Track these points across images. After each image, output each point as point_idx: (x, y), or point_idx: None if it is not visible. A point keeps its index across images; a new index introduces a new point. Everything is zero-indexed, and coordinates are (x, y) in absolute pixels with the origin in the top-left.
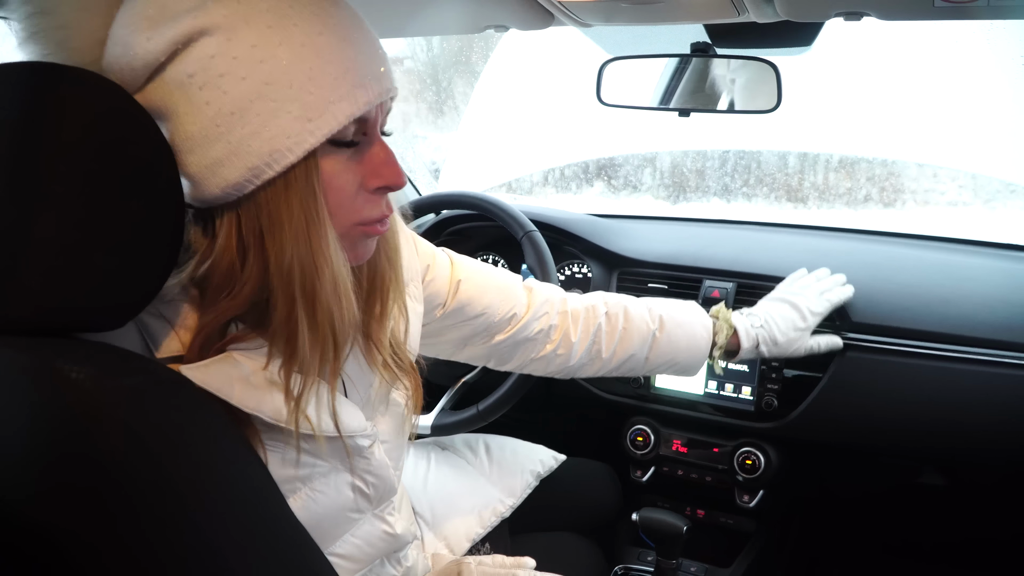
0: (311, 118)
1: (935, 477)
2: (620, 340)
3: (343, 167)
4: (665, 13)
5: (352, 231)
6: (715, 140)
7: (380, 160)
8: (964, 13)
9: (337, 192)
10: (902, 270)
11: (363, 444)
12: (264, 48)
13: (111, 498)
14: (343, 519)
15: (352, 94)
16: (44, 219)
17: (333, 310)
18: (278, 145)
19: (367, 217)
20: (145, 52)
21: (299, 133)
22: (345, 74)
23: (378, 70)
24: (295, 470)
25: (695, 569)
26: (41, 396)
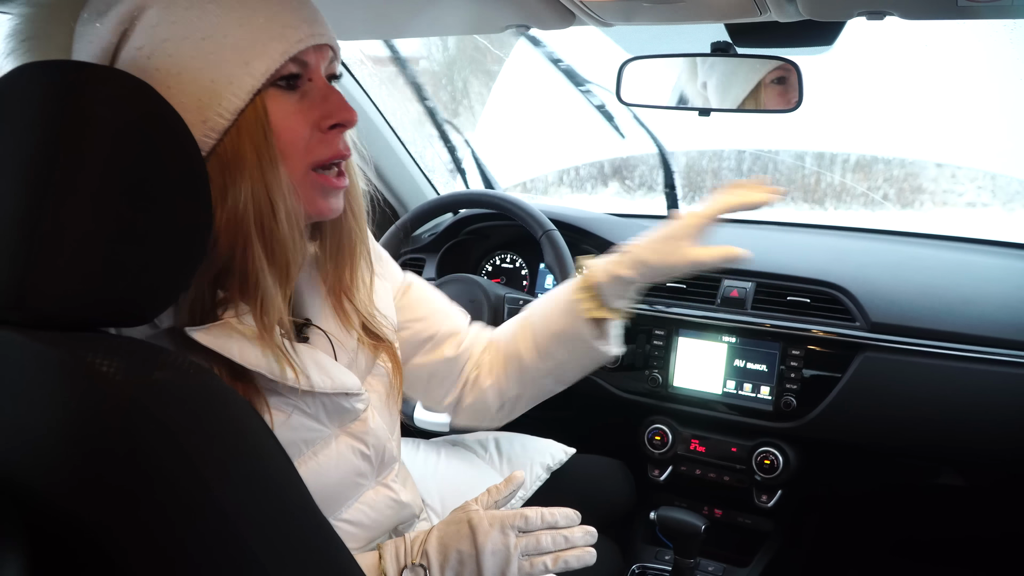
0: (248, 60)
1: (954, 477)
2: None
3: (292, 109)
4: (686, 12)
5: (308, 177)
6: (731, 140)
7: (329, 100)
8: (987, 12)
9: (288, 132)
10: (922, 270)
11: (359, 408)
12: (197, 7)
13: (140, 490)
14: (350, 483)
15: (282, 34)
16: (77, 215)
17: (286, 242)
18: (223, 92)
19: (320, 156)
20: (99, 38)
21: (240, 77)
22: (274, 17)
23: (308, 16)
24: (299, 433)
25: (713, 568)
26: (73, 389)
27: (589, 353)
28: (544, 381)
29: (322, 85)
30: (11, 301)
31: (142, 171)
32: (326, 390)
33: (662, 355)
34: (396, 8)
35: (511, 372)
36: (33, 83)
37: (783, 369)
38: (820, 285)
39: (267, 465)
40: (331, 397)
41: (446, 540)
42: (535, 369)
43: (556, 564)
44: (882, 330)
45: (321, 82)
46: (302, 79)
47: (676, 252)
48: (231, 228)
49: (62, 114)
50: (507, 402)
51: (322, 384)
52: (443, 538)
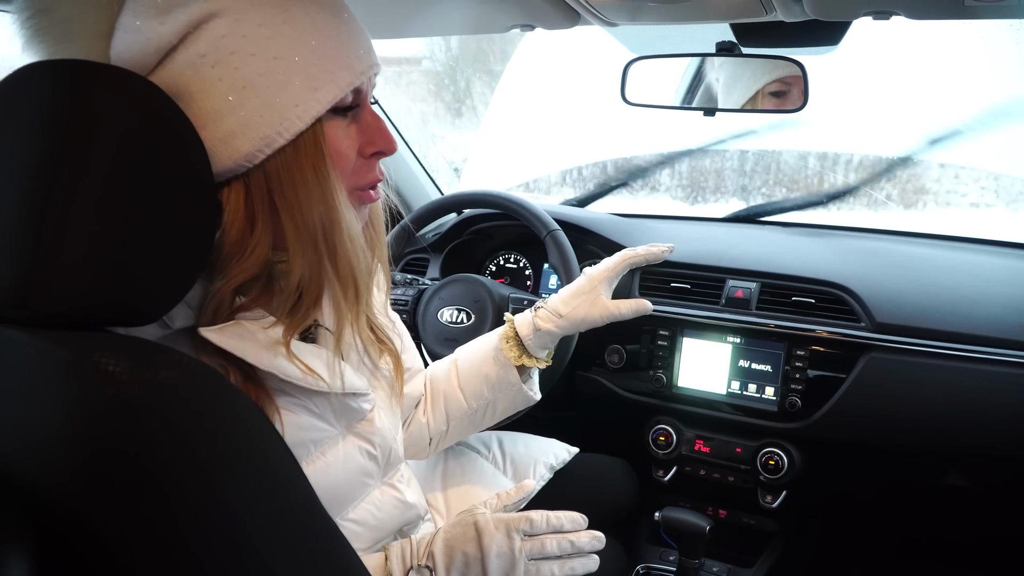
0: (316, 87)
1: (959, 478)
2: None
3: (343, 133)
4: (692, 12)
5: (351, 196)
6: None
7: (374, 127)
8: (994, 12)
9: (340, 157)
10: (927, 271)
11: (365, 408)
12: (270, 26)
13: (147, 489)
14: (356, 483)
15: (350, 65)
16: (83, 215)
17: (352, 259)
18: (288, 114)
19: (364, 181)
20: (158, 37)
21: (306, 101)
22: (343, 47)
23: (367, 45)
24: (307, 433)
25: (717, 569)
26: (80, 389)
27: (516, 396)
28: (472, 419)
29: (369, 112)
30: (17, 300)
31: (148, 171)
32: (335, 390)
33: (666, 355)
34: (400, 7)
35: (440, 409)
36: (41, 82)
37: (788, 369)
38: (825, 285)
39: (273, 465)
40: (339, 397)
41: (452, 542)
42: (465, 408)
43: (563, 571)
44: (887, 331)
45: (368, 109)
46: (353, 103)
47: (589, 305)
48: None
49: (69, 114)
50: (436, 436)
51: (331, 385)
52: (449, 540)
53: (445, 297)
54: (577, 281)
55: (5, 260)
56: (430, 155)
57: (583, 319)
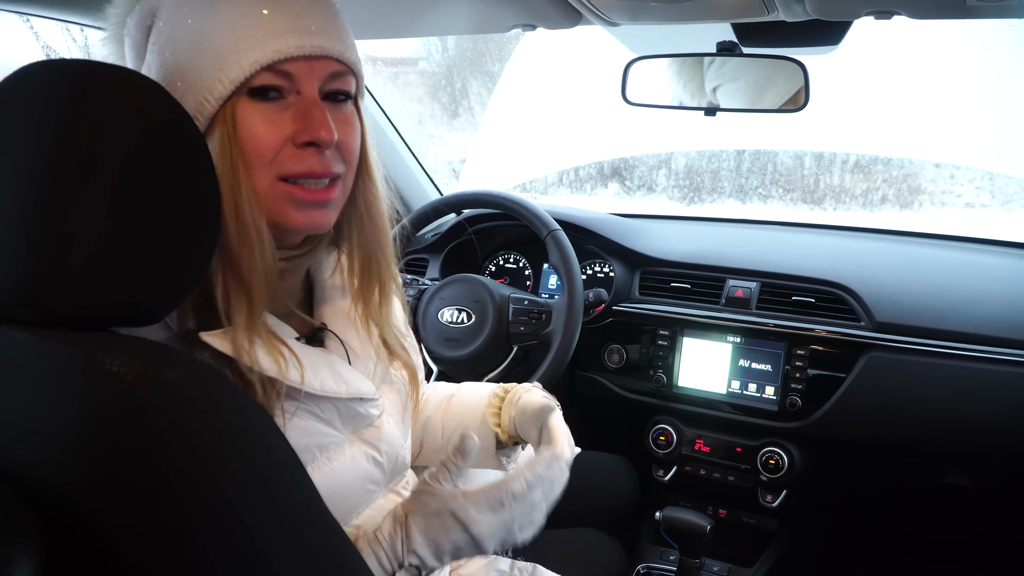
0: (222, 67)
1: (960, 477)
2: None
3: (263, 118)
4: (694, 11)
5: (276, 188)
6: (730, 140)
7: (308, 116)
8: (994, 12)
9: (255, 142)
10: (927, 270)
11: (373, 413)
12: (191, 8)
13: (156, 488)
14: (361, 490)
15: (262, 43)
16: (88, 215)
17: (241, 254)
18: (200, 97)
19: (289, 170)
20: (132, 36)
21: (213, 82)
22: (256, 24)
23: (303, 26)
24: (312, 438)
25: (718, 569)
26: (85, 389)
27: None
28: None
29: (309, 99)
30: (24, 300)
31: (153, 171)
32: (340, 395)
33: (667, 355)
34: (401, 7)
35: (418, 433)
36: (48, 82)
37: (788, 369)
38: (825, 285)
39: (277, 464)
40: (345, 402)
41: (434, 535)
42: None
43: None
44: (887, 330)
45: (309, 95)
46: (287, 91)
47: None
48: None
49: (77, 114)
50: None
51: (336, 389)
52: (430, 533)
53: (445, 297)
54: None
55: (12, 260)
56: (428, 155)
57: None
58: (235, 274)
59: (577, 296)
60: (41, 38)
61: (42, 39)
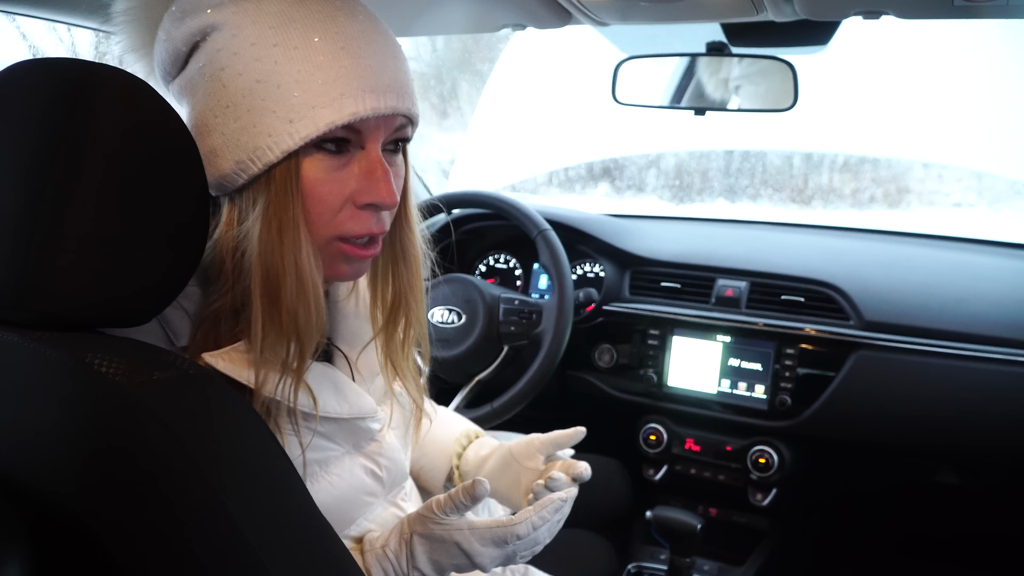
0: (292, 120)
1: (950, 476)
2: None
3: (327, 176)
4: (683, 11)
5: (331, 245)
6: (720, 140)
7: (370, 176)
8: (982, 12)
9: (317, 200)
10: (916, 269)
11: (374, 428)
12: (261, 47)
13: (147, 490)
14: (359, 502)
15: (338, 102)
16: (76, 216)
17: (297, 310)
18: (260, 143)
19: (348, 231)
20: (174, 42)
21: (280, 133)
22: (334, 81)
23: (379, 84)
24: (311, 453)
25: (709, 568)
26: (75, 391)
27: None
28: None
29: (373, 158)
30: (11, 300)
31: (143, 172)
32: (343, 415)
33: (657, 355)
34: (390, 8)
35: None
36: (38, 81)
37: (778, 368)
38: (814, 284)
39: (269, 466)
40: (347, 421)
41: (437, 557)
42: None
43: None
44: (876, 329)
45: (374, 154)
46: (353, 144)
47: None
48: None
49: (66, 114)
50: None
51: (339, 410)
52: (433, 555)
53: (436, 297)
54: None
55: (1, 260)
56: (418, 156)
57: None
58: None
59: (567, 296)
60: (28, 38)
61: (29, 39)
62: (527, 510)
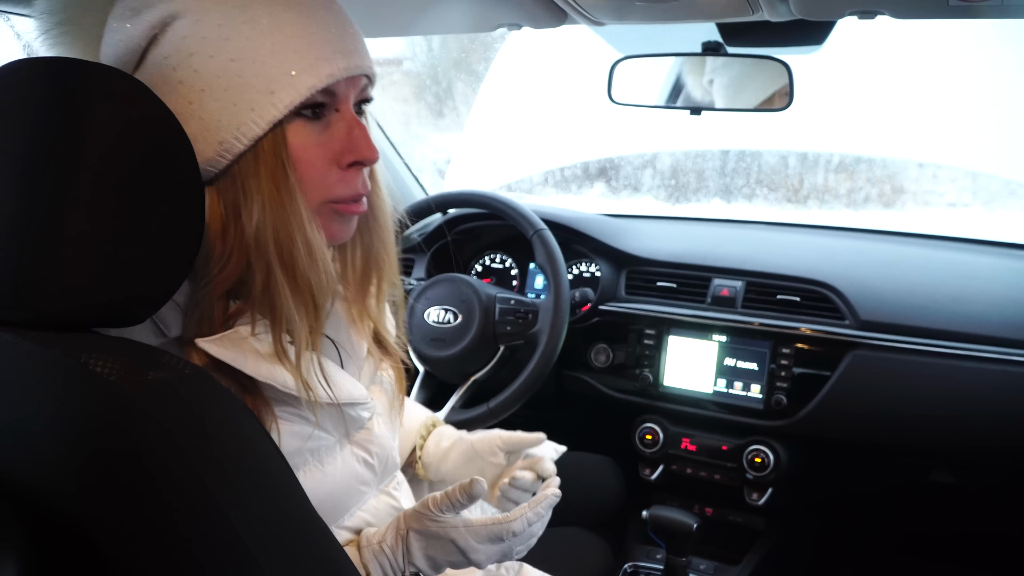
0: (273, 90)
1: (946, 475)
2: None
3: (312, 141)
4: (679, 11)
5: (324, 208)
6: (715, 140)
7: (351, 135)
8: (977, 12)
9: (306, 166)
10: (911, 269)
11: (364, 415)
12: (229, 27)
13: (143, 491)
14: (352, 491)
15: (314, 67)
16: (73, 216)
17: (310, 275)
18: (244, 118)
19: (339, 194)
20: (129, 39)
21: (263, 105)
22: (307, 48)
23: (345, 47)
24: (304, 442)
25: (705, 567)
26: (69, 391)
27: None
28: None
29: (349, 118)
30: (7, 301)
31: (138, 172)
32: (334, 401)
33: (653, 354)
34: (386, 6)
35: None
36: (31, 81)
37: (773, 368)
38: (810, 284)
39: (264, 466)
40: (338, 407)
41: (433, 554)
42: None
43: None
44: (871, 328)
45: (348, 114)
46: (328, 108)
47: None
48: (249, 251)
49: (60, 113)
50: None
51: (331, 395)
52: (428, 551)
53: (431, 297)
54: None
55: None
56: (414, 156)
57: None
58: (304, 294)
59: (563, 296)
60: (22, 37)
61: (23, 38)
62: (522, 507)
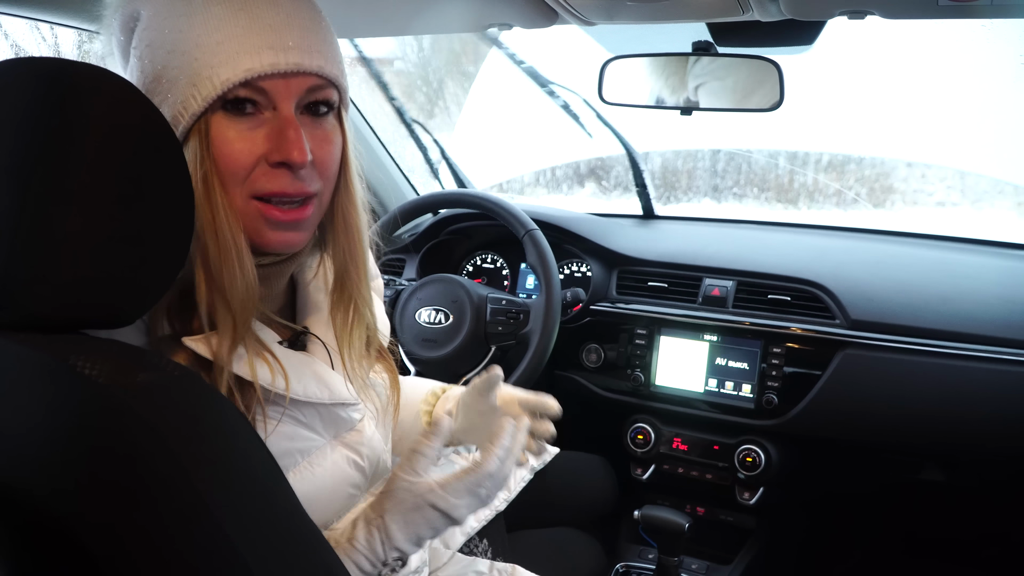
0: (195, 83)
1: (935, 473)
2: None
3: (237, 135)
4: (670, 11)
5: (250, 206)
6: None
7: (282, 135)
8: (967, 12)
9: (228, 160)
10: (900, 268)
11: (355, 417)
12: (170, 19)
13: (132, 493)
14: (343, 494)
15: (233, 60)
16: (60, 217)
17: (223, 274)
18: (174, 111)
19: (261, 188)
20: (116, 32)
21: (186, 99)
22: (230, 40)
23: (280, 42)
24: (293, 443)
25: (696, 567)
26: (58, 392)
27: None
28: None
29: (283, 117)
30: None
31: (128, 173)
32: (323, 400)
33: (644, 354)
34: (377, 6)
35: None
36: (21, 80)
37: (764, 367)
38: (800, 283)
39: (254, 466)
40: (328, 407)
41: (415, 530)
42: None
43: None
44: (861, 327)
45: (284, 113)
46: (262, 106)
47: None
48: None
49: (50, 113)
50: None
51: (319, 395)
52: (409, 529)
53: (423, 297)
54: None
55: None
56: (405, 155)
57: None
58: (218, 291)
59: (555, 296)
60: (11, 36)
61: (11, 38)
62: (486, 446)
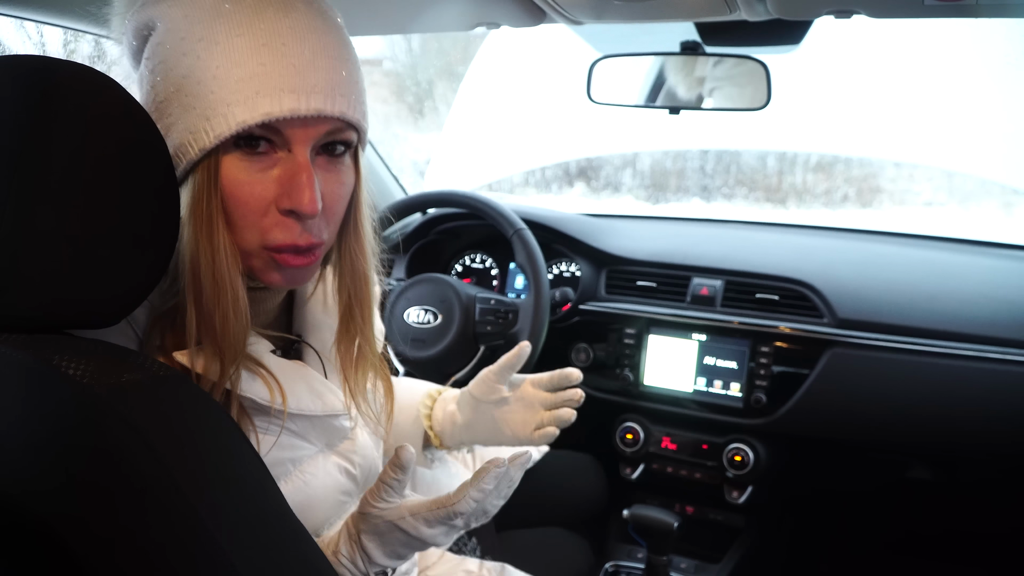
0: (209, 117)
1: (923, 471)
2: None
3: (248, 178)
4: (657, 10)
5: (262, 252)
6: (694, 140)
7: (294, 180)
8: (953, 11)
9: (239, 202)
10: (888, 267)
11: (347, 425)
12: (188, 42)
13: (117, 494)
14: (334, 501)
15: (252, 100)
16: (43, 215)
17: (215, 315)
18: (184, 139)
19: (273, 240)
20: (128, 36)
21: (197, 131)
22: (250, 79)
23: (303, 84)
24: (285, 452)
25: (686, 566)
26: (41, 393)
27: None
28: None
29: (297, 162)
30: None
31: (109, 168)
32: (316, 412)
33: (633, 353)
34: (364, 4)
35: None
36: (3, 78)
37: (753, 366)
38: (788, 282)
39: (240, 468)
40: (320, 418)
41: (391, 547)
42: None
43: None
44: (849, 326)
45: (299, 158)
46: (277, 146)
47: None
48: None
49: (29, 110)
50: None
51: (312, 407)
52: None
53: (411, 297)
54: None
55: None
56: (394, 155)
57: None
58: (208, 330)
59: (544, 295)
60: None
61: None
62: (464, 484)
